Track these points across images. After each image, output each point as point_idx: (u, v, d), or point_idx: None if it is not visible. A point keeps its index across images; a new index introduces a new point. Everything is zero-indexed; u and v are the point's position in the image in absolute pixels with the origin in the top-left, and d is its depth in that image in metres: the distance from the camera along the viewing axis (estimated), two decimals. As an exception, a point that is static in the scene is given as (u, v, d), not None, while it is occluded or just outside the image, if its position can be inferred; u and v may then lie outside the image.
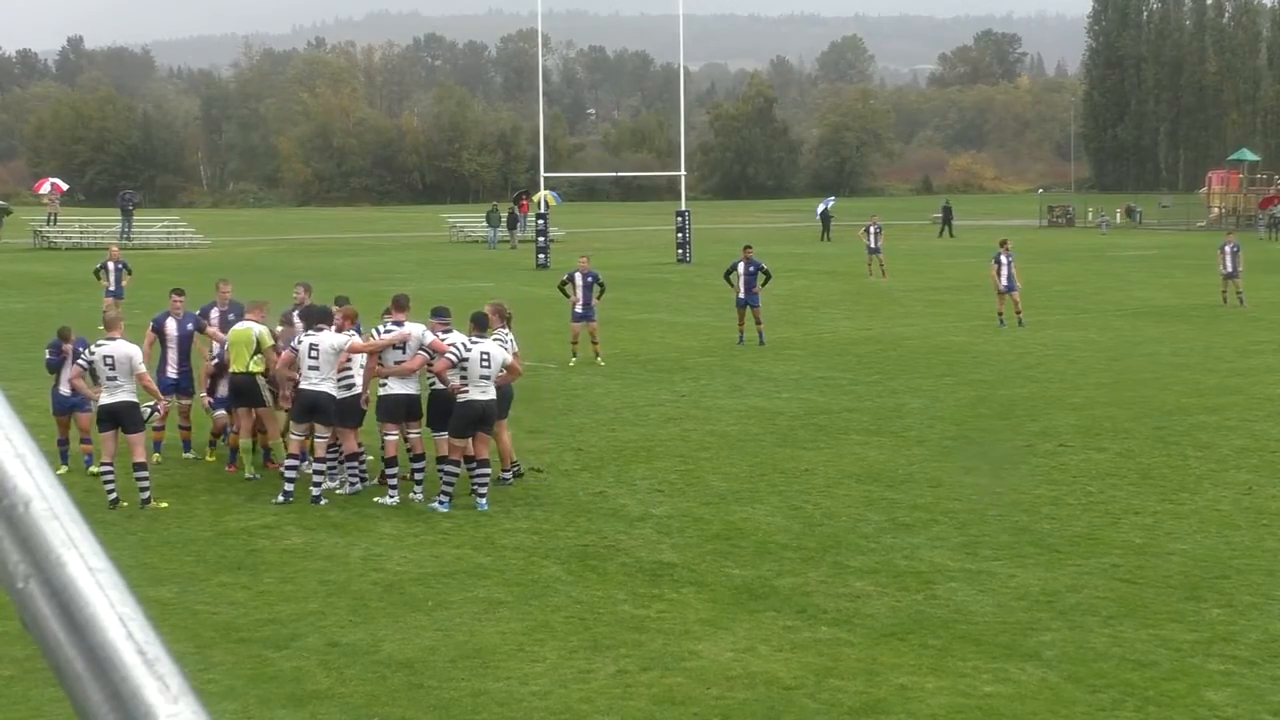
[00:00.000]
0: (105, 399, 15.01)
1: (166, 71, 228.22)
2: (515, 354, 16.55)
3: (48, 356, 16.68)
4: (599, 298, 25.84)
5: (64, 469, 16.16)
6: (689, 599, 11.74)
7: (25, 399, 20.47)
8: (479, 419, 14.91)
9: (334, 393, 15.36)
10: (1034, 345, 28.29)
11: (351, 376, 15.44)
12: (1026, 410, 20.75)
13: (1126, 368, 25.26)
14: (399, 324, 15.64)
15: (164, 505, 14.95)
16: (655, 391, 22.60)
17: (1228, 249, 36.20)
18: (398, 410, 15.36)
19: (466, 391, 14.91)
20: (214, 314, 18.04)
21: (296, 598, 11.83)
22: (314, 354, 15.39)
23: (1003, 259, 31.92)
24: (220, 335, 17.34)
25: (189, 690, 1.19)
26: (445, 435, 15.19)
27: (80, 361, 15.33)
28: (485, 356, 14.97)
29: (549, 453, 17.68)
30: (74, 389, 15.63)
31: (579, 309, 25.63)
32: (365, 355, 15.60)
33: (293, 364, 15.80)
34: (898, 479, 16.16)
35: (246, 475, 16.23)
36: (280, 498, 15.15)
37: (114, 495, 14.88)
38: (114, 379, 14.93)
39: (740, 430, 19.24)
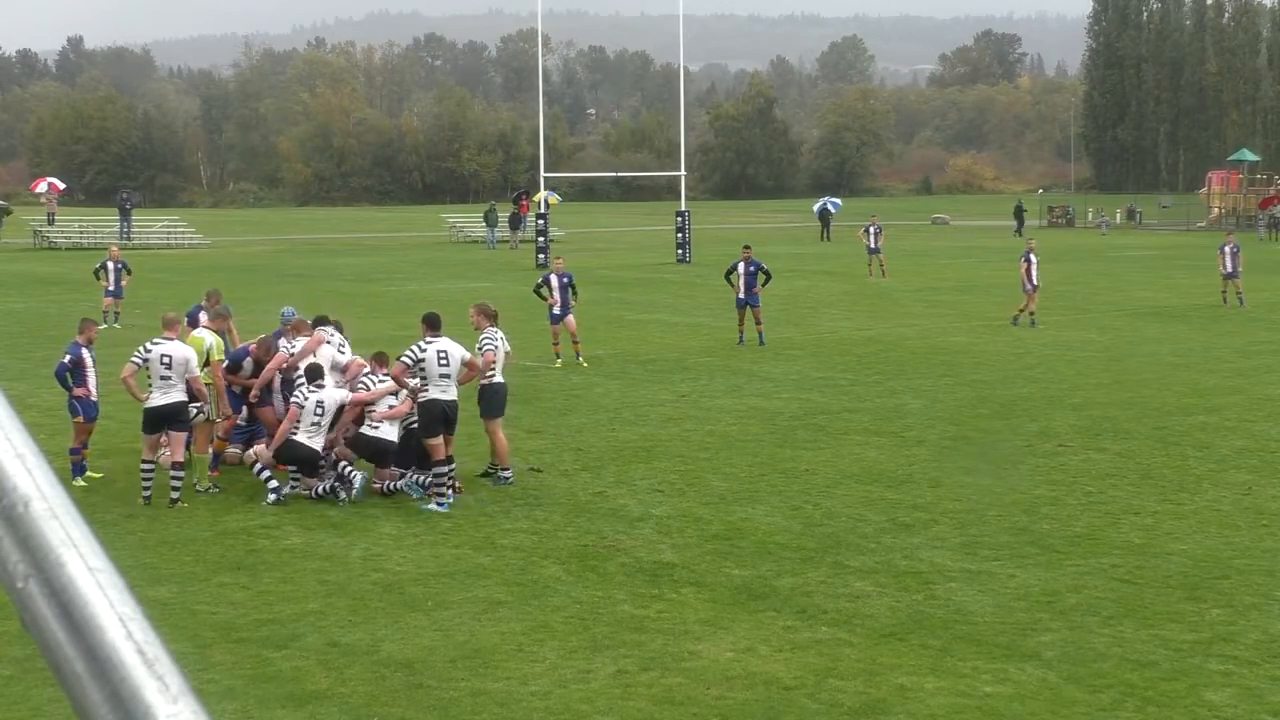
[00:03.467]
0: (159, 399, 14.91)
1: (166, 71, 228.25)
2: (508, 353, 16.61)
3: (67, 358, 16.22)
4: (575, 300, 25.73)
5: (81, 482, 15.75)
6: (689, 599, 11.73)
7: (25, 399, 20.49)
8: (443, 417, 15.05)
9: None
10: (1034, 345, 28.30)
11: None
12: (1026, 410, 20.75)
13: (1126, 368, 25.26)
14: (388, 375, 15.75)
15: (184, 505, 14.88)
16: (655, 391, 22.60)
17: (1227, 249, 36.22)
18: (369, 450, 15.48)
19: (426, 392, 15.09)
20: (202, 317, 18.03)
21: (296, 598, 11.83)
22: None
23: (1032, 258, 32.03)
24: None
25: (188, 690, 1.19)
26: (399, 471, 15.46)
27: (135, 359, 15.24)
28: (443, 355, 15.13)
29: (549, 453, 17.68)
30: (126, 388, 15.49)
31: (556, 310, 25.55)
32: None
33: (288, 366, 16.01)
34: (898, 479, 16.16)
35: (197, 487, 15.62)
36: (272, 497, 15.10)
37: (149, 493, 14.84)
38: (168, 378, 14.89)
39: (740, 430, 19.24)
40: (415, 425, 15.54)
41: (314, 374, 15.72)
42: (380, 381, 15.72)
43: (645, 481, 16.11)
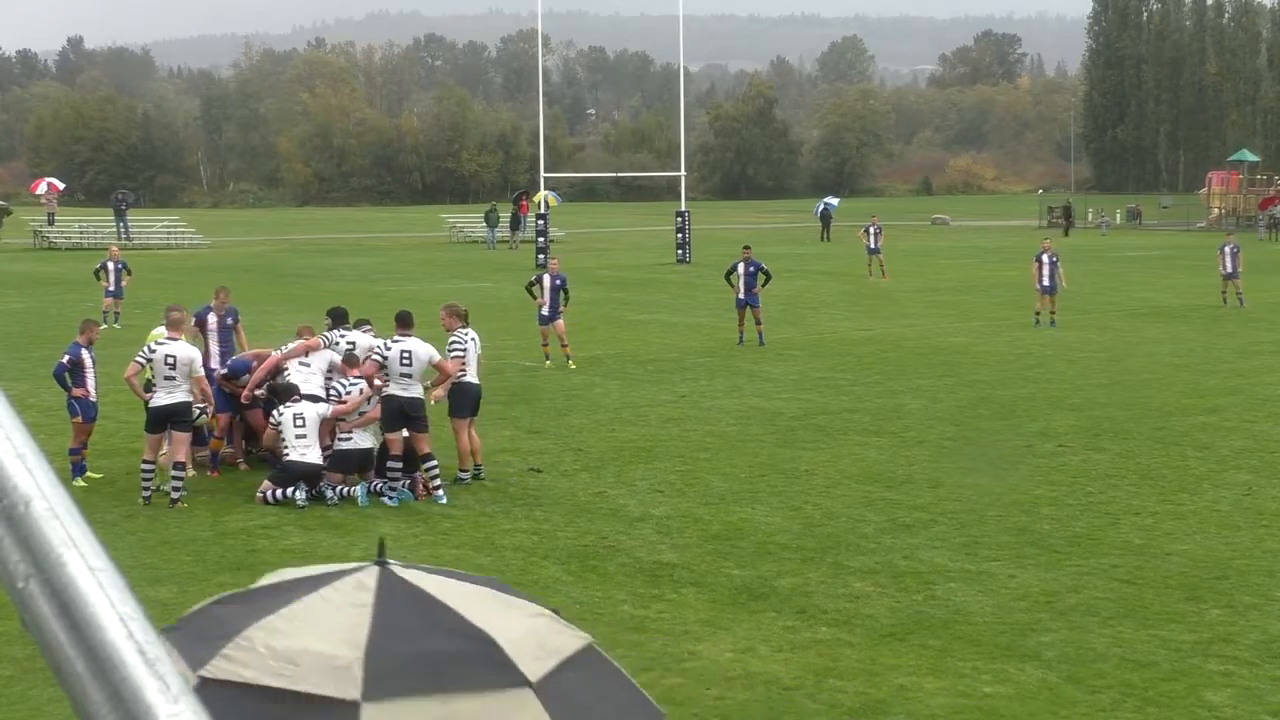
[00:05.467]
0: (163, 398, 14.96)
1: (166, 71, 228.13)
2: (479, 355, 16.49)
3: (66, 358, 16.14)
4: (565, 304, 25.63)
5: (81, 482, 15.73)
6: (689, 599, 11.73)
7: (25, 399, 20.48)
8: (399, 413, 15.23)
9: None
10: (1034, 346, 28.30)
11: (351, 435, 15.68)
12: (1026, 411, 20.75)
13: (1126, 368, 25.26)
14: (359, 378, 15.89)
15: (184, 505, 14.88)
16: (655, 392, 22.60)
17: (1227, 250, 36.22)
18: (350, 464, 15.57)
19: (387, 387, 15.36)
20: (210, 319, 17.91)
21: (296, 598, 11.81)
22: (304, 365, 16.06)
23: (1044, 258, 32.14)
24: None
25: (189, 690, 1.19)
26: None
27: (139, 359, 15.27)
28: (406, 355, 15.40)
29: (549, 453, 17.67)
30: (130, 388, 15.52)
31: (545, 311, 25.35)
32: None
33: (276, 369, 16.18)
34: (897, 479, 16.16)
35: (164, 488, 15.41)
36: (301, 495, 15.10)
37: (149, 494, 14.85)
38: (172, 378, 14.93)
39: (740, 431, 19.24)
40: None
41: (285, 394, 15.82)
42: (351, 385, 15.81)
43: (645, 482, 16.11)
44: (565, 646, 4.67)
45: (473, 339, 16.34)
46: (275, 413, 15.64)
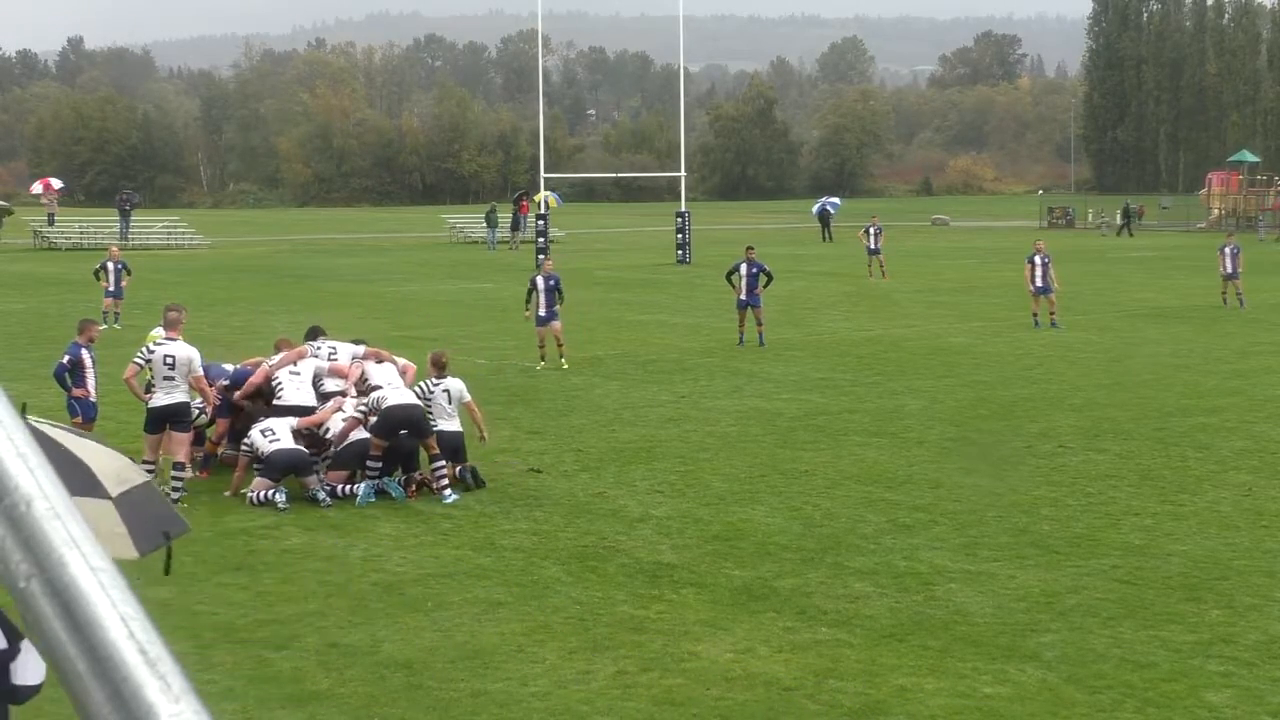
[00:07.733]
0: (162, 399, 14.97)
1: (166, 72, 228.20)
2: (469, 402, 16.41)
3: (66, 359, 16.14)
4: (560, 303, 25.50)
5: None
6: (689, 600, 11.73)
7: (25, 399, 20.45)
8: (400, 422, 15.32)
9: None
10: (1034, 346, 28.29)
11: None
12: (1026, 411, 20.74)
13: (1126, 369, 25.25)
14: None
15: (184, 505, 14.87)
16: (655, 392, 22.59)
17: (1228, 250, 36.20)
18: (353, 460, 15.64)
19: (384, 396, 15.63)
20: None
21: (296, 598, 11.83)
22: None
23: (1036, 260, 32.11)
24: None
25: (190, 690, 1.19)
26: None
27: (138, 359, 15.26)
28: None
29: (549, 453, 17.67)
30: (129, 389, 15.53)
31: (542, 313, 25.21)
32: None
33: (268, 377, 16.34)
34: (897, 480, 16.16)
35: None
36: (281, 497, 15.12)
37: None
38: (171, 379, 14.94)
39: (740, 431, 19.23)
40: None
41: (248, 419, 16.03)
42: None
43: (645, 482, 16.11)
44: (135, 478, 7.59)
45: (444, 390, 16.03)
46: (244, 441, 15.61)
